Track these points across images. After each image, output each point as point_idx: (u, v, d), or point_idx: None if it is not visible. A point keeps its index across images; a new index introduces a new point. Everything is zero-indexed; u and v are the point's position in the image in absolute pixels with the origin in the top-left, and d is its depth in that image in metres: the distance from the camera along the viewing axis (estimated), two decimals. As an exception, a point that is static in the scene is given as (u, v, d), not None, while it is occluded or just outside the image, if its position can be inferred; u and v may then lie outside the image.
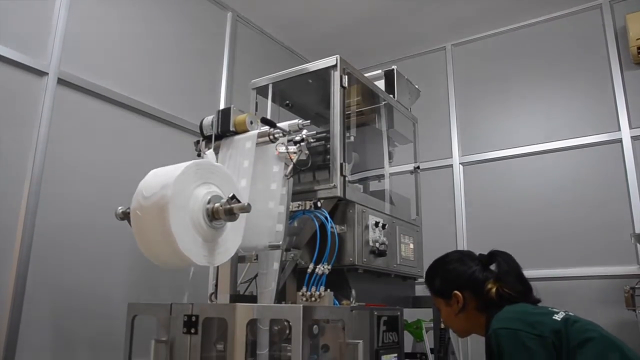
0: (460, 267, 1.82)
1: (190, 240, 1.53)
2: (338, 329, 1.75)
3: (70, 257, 2.61)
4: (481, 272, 1.78)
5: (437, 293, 1.86)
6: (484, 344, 1.57)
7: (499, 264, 1.78)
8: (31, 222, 2.44)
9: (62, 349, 2.58)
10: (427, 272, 1.93)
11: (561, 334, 1.49)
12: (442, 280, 1.84)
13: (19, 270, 2.40)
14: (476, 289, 1.75)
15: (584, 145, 3.61)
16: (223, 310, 1.61)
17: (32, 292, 2.45)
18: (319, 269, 1.86)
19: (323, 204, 2.01)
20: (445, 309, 1.84)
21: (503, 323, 1.55)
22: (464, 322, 1.81)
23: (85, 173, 2.69)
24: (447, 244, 4.00)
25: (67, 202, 2.60)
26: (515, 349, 1.48)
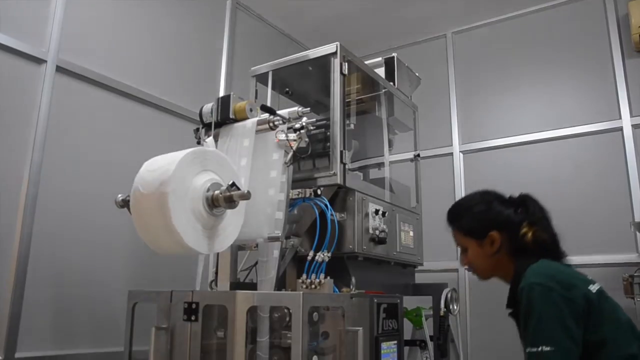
0: (498, 206, 1.75)
1: (190, 227, 1.54)
2: (338, 316, 1.76)
3: (70, 244, 2.61)
4: (515, 215, 1.72)
5: (469, 232, 1.78)
6: (482, 331, 1.57)
7: (530, 206, 1.72)
8: (31, 210, 2.43)
9: (63, 335, 2.59)
10: (453, 209, 1.87)
11: (593, 305, 1.48)
12: (476, 219, 1.77)
13: (19, 258, 2.40)
14: (512, 231, 1.69)
15: (584, 134, 3.60)
16: (223, 298, 1.61)
17: (33, 280, 2.45)
18: (319, 256, 1.87)
19: (323, 191, 2.01)
20: (475, 250, 1.76)
21: (539, 278, 1.52)
22: (493, 264, 1.75)
23: (85, 161, 2.68)
24: (447, 232, 4.00)
25: (67, 190, 2.60)
26: (546, 307, 1.46)
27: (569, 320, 1.44)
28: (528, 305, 1.49)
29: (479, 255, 1.75)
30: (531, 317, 1.47)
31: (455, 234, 1.84)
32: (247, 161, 1.83)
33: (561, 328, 1.43)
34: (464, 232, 1.80)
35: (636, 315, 2.93)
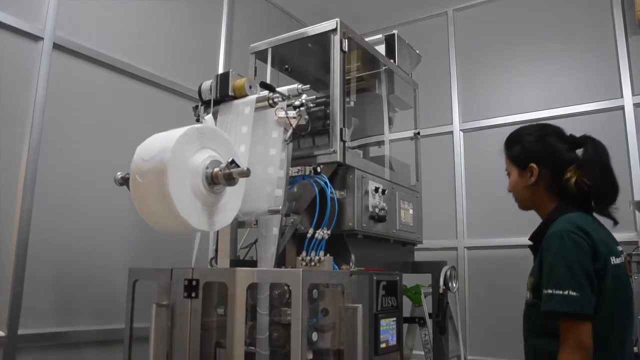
0: (550, 142, 1.73)
1: (189, 204, 1.53)
2: (337, 293, 1.77)
3: (70, 223, 2.61)
4: (566, 153, 1.70)
5: (513, 160, 1.81)
6: (481, 309, 1.60)
7: (586, 149, 1.69)
8: (30, 189, 2.43)
9: (64, 313, 2.61)
10: (509, 136, 1.87)
11: (605, 276, 1.52)
12: (522, 149, 1.77)
13: (20, 235, 2.40)
14: (556, 169, 1.68)
15: (585, 113, 3.59)
16: (223, 275, 1.62)
17: (34, 258, 2.46)
18: (319, 233, 1.87)
19: (323, 169, 2.00)
20: (515, 178, 1.79)
21: (572, 228, 1.54)
22: (530, 196, 1.76)
23: (84, 139, 2.67)
24: (447, 210, 4.02)
25: (66, 168, 2.60)
26: (577, 257, 1.50)
27: (592, 275, 1.49)
28: (559, 250, 1.52)
29: (518, 184, 1.78)
30: (559, 260, 1.51)
31: (506, 159, 1.86)
32: (245, 148, 1.82)
33: (587, 278, 1.48)
34: (510, 159, 1.82)
35: (634, 294, 2.95)
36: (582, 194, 1.64)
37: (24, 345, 2.43)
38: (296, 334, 1.52)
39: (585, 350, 1.46)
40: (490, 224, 3.87)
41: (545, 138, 1.75)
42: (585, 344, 1.46)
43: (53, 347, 2.56)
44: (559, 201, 1.69)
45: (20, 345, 2.40)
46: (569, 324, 1.48)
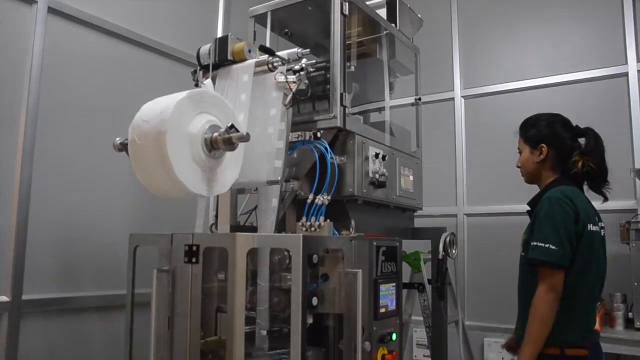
0: (558, 129, 2.12)
1: (188, 169, 1.52)
2: (337, 259, 1.78)
3: (70, 190, 2.62)
4: (570, 141, 2.10)
5: (527, 140, 2.16)
6: (479, 275, 1.70)
7: (588, 139, 2.07)
8: (29, 156, 2.43)
9: (67, 279, 2.63)
10: (527, 119, 2.21)
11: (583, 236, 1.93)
12: (537, 132, 2.14)
13: (20, 203, 2.41)
14: (561, 153, 2.09)
15: (589, 79, 3.55)
16: (223, 240, 1.62)
17: (35, 225, 2.47)
18: (319, 199, 1.86)
19: (323, 134, 1.99)
20: (526, 155, 2.16)
21: (563, 196, 1.94)
22: (535, 171, 2.15)
23: (81, 105, 2.65)
24: (447, 177, 4.02)
25: (65, 134, 2.58)
26: (561, 220, 1.90)
27: (573, 235, 1.91)
28: (548, 212, 1.92)
29: (528, 161, 2.16)
30: (547, 220, 1.92)
31: (519, 140, 2.21)
32: (244, 116, 1.80)
33: (567, 237, 1.89)
34: (524, 139, 2.18)
35: (631, 261, 2.97)
36: (580, 174, 2.04)
37: (28, 310, 2.45)
38: (296, 298, 1.53)
39: (555, 293, 1.88)
40: (490, 191, 3.88)
41: (555, 125, 2.13)
42: (556, 288, 1.88)
43: (56, 312, 2.59)
44: (558, 177, 2.08)
45: (24, 310, 2.43)
46: (546, 270, 1.90)
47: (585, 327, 2.00)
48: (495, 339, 3.74)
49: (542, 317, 1.88)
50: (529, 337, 1.90)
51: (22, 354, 2.43)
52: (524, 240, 2.08)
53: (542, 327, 1.88)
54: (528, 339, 1.90)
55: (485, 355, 3.76)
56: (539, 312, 1.89)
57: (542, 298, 1.89)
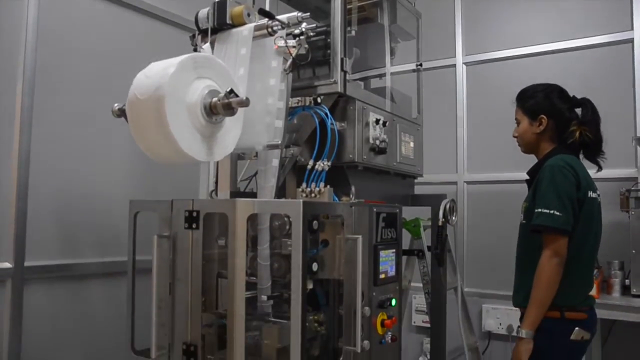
0: (557, 100, 2.15)
1: (188, 135, 1.51)
2: (337, 225, 1.78)
3: (69, 156, 2.61)
4: (568, 112, 2.14)
5: (526, 111, 2.19)
6: (478, 242, 1.73)
7: (585, 110, 2.13)
8: (27, 123, 2.41)
9: (69, 246, 2.64)
10: (522, 91, 2.24)
11: (584, 202, 2.00)
12: (536, 103, 2.17)
13: (19, 170, 2.40)
14: (560, 124, 2.13)
15: (593, 46, 3.50)
16: (223, 206, 1.62)
17: (35, 192, 2.47)
18: (319, 165, 1.86)
19: (323, 100, 1.97)
20: (525, 125, 2.19)
21: (564, 164, 1.99)
22: (534, 142, 2.18)
23: (78, 72, 2.62)
24: (448, 144, 4.00)
25: (63, 102, 2.56)
26: (565, 187, 1.96)
27: (575, 201, 1.97)
28: (551, 179, 1.97)
29: (527, 132, 2.19)
30: (550, 187, 1.96)
31: (517, 110, 2.25)
32: (244, 70, 1.77)
33: (570, 203, 1.95)
34: (523, 110, 2.21)
35: (629, 229, 2.98)
36: (577, 143, 2.10)
37: (31, 276, 2.47)
38: (296, 264, 1.53)
39: (560, 257, 1.93)
40: (490, 159, 3.87)
41: (554, 96, 2.16)
42: (561, 253, 1.93)
43: (59, 279, 2.62)
44: (556, 147, 2.13)
45: (27, 277, 2.45)
46: (551, 236, 1.94)
47: (584, 291, 2.07)
48: (493, 306, 3.79)
49: (547, 282, 1.94)
50: (533, 301, 1.96)
51: (27, 319, 2.46)
52: (525, 208, 2.12)
53: (547, 291, 1.94)
54: (532, 303, 1.96)
55: (484, 321, 3.80)
56: (544, 276, 1.94)
57: (547, 263, 1.93)
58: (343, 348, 1.73)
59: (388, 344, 2.00)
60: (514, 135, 2.27)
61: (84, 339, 2.71)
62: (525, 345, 1.96)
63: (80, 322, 2.70)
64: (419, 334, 4.05)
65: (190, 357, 1.59)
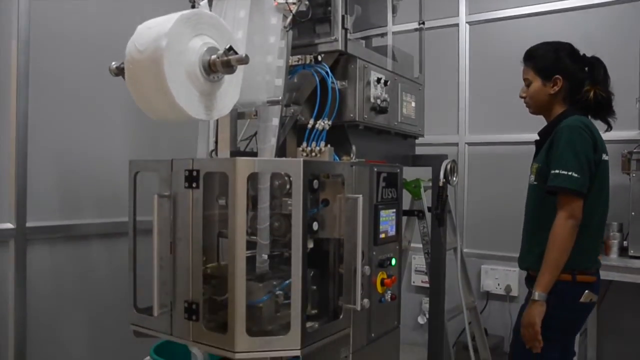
0: (570, 60, 2.09)
1: (186, 93, 1.49)
2: (338, 184, 1.78)
3: (67, 117, 2.59)
4: (581, 72, 2.09)
5: (539, 71, 2.11)
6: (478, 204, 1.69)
7: (597, 69, 2.08)
8: (24, 82, 2.39)
9: (70, 207, 2.66)
10: (532, 49, 2.16)
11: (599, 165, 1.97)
12: (550, 63, 2.09)
13: (18, 130, 2.40)
14: (574, 84, 2.07)
15: (599, 5, 3.43)
16: (223, 165, 1.61)
17: (35, 152, 2.46)
18: (319, 124, 1.84)
19: (323, 58, 1.94)
20: (537, 86, 2.11)
21: (582, 125, 1.96)
22: (546, 103, 2.11)
23: (76, 30, 2.59)
24: (450, 105, 3.97)
25: (60, 63, 2.53)
26: (582, 147, 1.92)
27: (592, 163, 1.94)
28: (569, 140, 1.93)
29: (540, 92, 2.11)
30: (568, 148, 1.92)
31: (526, 70, 2.16)
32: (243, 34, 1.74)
33: (587, 165, 1.92)
34: (535, 70, 2.12)
35: (630, 191, 2.98)
36: (594, 103, 2.05)
37: (33, 237, 2.49)
38: (297, 223, 1.54)
39: (575, 220, 1.91)
40: (492, 120, 3.84)
41: (567, 55, 2.09)
42: (576, 215, 1.91)
43: (61, 239, 2.64)
44: (568, 108, 2.08)
45: (30, 237, 2.47)
46: (567, 197, 1.91)
47: (594, 254, 2.07)
48: (492, 266, 3.82)
49: (562, 244, 1.91)
50: (548, 263, 1.93)
51: (31, 279, 2.49)
52: (537, 169, 2.08)
53: (561, 254, 1.92)
54: (547, 265, 1.93)
55: (482, 281, 3.85)
56: (559, 238, 1.91)
57: (563, 225, 1.91)
58: (343, 306, 1.75)
59: (387, 302, 2.03)
60: (521, 96, 2.20)
61: (88, 299, 2.75)
62: (539, 308, 1.93)
63: (84, 282, 2.73)
64: (418, 294, 4.10)
65: (192, 315, 1.61)
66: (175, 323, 1.66)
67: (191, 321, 1.61)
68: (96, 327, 2.78)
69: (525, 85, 2.16)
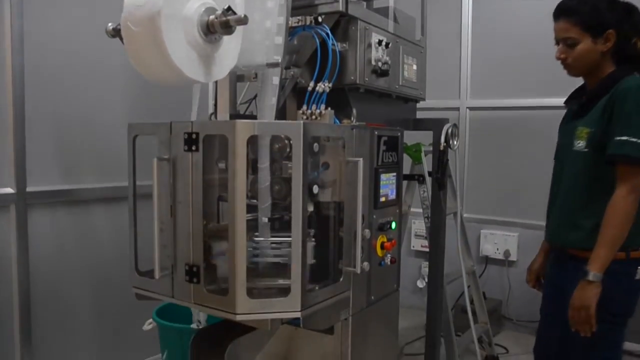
0: (614, 9, 1.82)
1: (184, 54, 1.47)
2: (338, 148, 1.76)
3: (65, 80, 2.57)
4: (627, 23, 1.82)
5: (587, 27, 1.82)
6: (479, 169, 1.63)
7: (636, 17, 1.83)
8: (19, 43, 2.35)
9: (70, 171, 2.66)
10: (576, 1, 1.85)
11: None
12: (600, 16, 1.81)
13: (14, 92, 2.38)
14: (624, 37, 1.81)
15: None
16: (223, 127, 1.59)
17: (33, 116, 2.45)
18: (320, 87, 1.82)
19: (324, 19, 1.90)
20: (588, 45, 1.82)
21: None
22: (594, 63, 1.84)
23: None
24: (451, 68, 3.93)
25: (55, 22, 2.50)
26: None
27: None
28: (625, 101, 1.70)
29: (589, 51, 1.82)
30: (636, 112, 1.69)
31: (567, 27, 1.85)
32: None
33: None
34: (582, 26, 1.82)
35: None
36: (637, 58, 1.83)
37: (34, 202, 2.50)
38: (297, 187, 1.53)
39: (638, 193, 1.71)
40: (494, 84, 3.81)
41: (606, 4, 1.81)
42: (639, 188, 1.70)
43: (62, 204, 2.65)
44: (618, 65, 1.84)
45: (30, 202, 2.48)
46: (633, 168, 1.70)
47: None
48: (491, 231, 3.84)
49: (624, 220, 1.73)
50: (605, 241, 1.75)
51: (33, 244, 2.51)
52: (589, 134, 1.82)
53: (622, 231, 1.74)
54: (604, 243, 1.75)
55: (481, 246, 3.88)
56: (620, 213, 1.73)
57: (625, 199, 1.72)
58: (343, 269, 1.76)
59: (387, 265, 2.04)
60: (560, 56, 1.90)
61: (90, 263, 2.78)
62: (594, 290, 1.75)
63: (85, 246, 2.75)
64: (418, 258, 4.14)
65: (193, 278, 1.62)
66: (177, 286, 1.67)
67: (192, 284, 1.62)
68: (99, 291, 2.82)
69: (566, 45, 1.87)
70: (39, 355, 2.58)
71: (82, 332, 2.78)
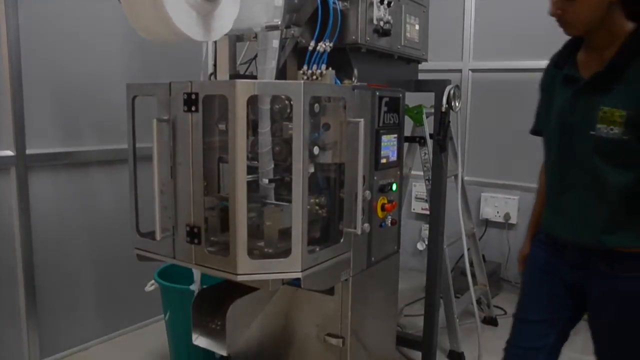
0: None
1: (183, 13, 1.44)
2: (339, 109, 1.75)
3: (62, 40, 2.54)
4: None
5: None
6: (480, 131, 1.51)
7: None
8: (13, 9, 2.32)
9: (69, 133, 2.65)
10: None
11: None
12: None
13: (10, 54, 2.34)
14: None
15: None
16: (223, 87, 1.58)
17: (30, 78, 2.43)
18: (320, 46, 1.79)
19: (325, -23, 1.86)
20: None
21: None
22: (598, 18, 1.45)
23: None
24: (454, 28, 3.86)
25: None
26: None
27: None
28: None
29: (592, 3, 1.43)
30: None
31: None
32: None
33: None
34: None
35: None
36: None
37: (34, 164, 2.50)
38: (297, 148, 1.52)
39: None
40: (497, 46, 3.75)
41: None
42: None
43: (63, 167, 2.65)
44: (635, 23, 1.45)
45: (30, 165, 2.47)
46: None
47: None
48: (492, 194, 3.84)
49: None
50: None
51: (34, 205, 2.51)
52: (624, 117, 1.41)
53: None
54: None
55: (482, 209, 3.88)
56: None
57: None
58: (344, 230, 1.76)
59: (388, 227, 2.05)
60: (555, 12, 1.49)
61: (91, 224, 2.79)
62: None
63: (86, 208, 2.76)
64: (418, 221, 4.16)
65: (194, 239, 1.62)
66: (178, 247, 1.68)
67: (193, 245, 1.62)
68: (101, 253, 2.84)
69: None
70: (44, 318, 2.62)
71: (85, 294, 2.82)
